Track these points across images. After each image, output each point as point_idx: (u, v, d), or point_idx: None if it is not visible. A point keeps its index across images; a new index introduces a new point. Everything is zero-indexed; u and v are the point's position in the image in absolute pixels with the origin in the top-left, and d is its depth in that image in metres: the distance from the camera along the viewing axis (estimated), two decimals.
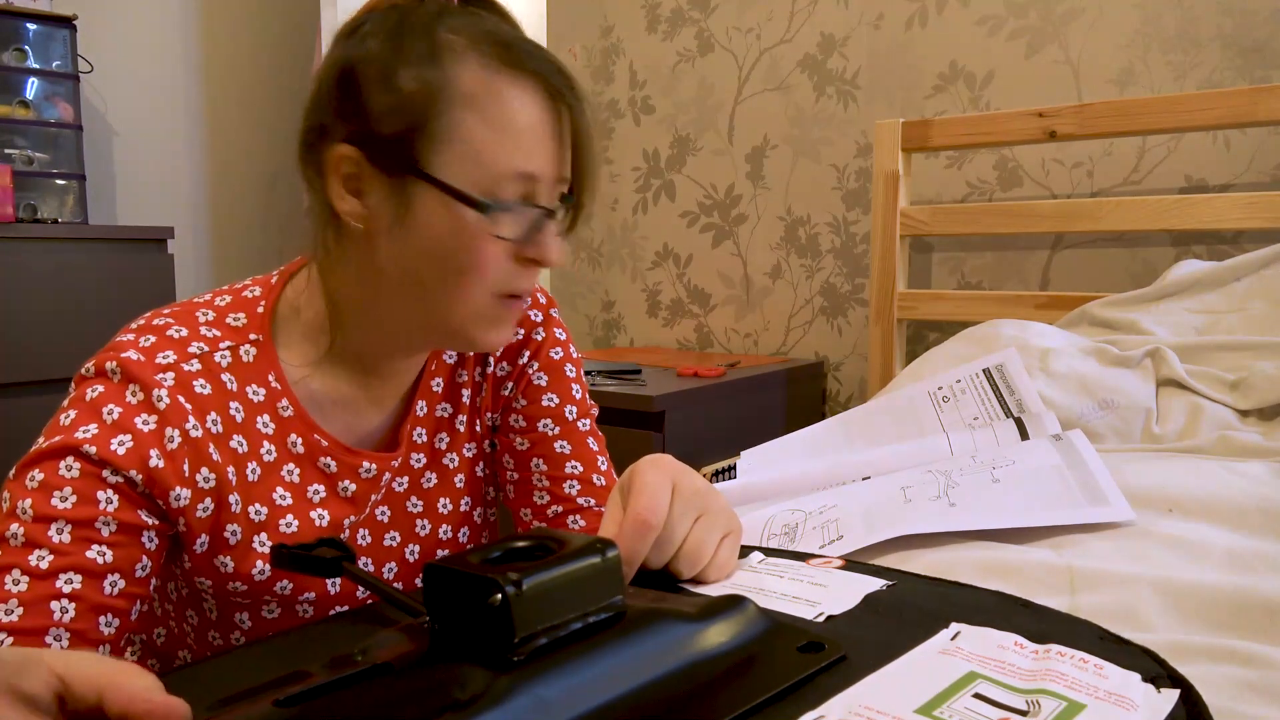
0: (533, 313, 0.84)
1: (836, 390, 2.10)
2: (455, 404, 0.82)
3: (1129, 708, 0.39)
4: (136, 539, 0.63)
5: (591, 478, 0.82)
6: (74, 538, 0.60)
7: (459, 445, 0.82)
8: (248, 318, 0.72)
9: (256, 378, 0.71)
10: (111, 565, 0.61)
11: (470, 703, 0.37)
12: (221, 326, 0.71)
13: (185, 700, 0.37)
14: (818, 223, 2.10)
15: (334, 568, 0.59)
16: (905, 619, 0.50)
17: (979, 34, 1.83)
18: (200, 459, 0.66)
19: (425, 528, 0.80)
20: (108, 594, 0.61)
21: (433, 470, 0.81)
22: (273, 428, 0.71)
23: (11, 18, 2.29)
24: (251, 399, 0.70)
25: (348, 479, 0.74)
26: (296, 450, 0.72)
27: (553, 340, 0.84)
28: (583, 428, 0.84)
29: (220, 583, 0.70)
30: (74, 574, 0.59)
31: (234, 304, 0.73)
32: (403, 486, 0.79)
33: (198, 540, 0.68)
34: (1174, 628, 0.65)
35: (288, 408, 0.72)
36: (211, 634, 0.75)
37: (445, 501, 0.81)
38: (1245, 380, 1.10)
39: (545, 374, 0.83)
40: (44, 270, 2.14)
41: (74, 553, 0.60)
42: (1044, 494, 0.85)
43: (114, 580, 0.61)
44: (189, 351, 0.68)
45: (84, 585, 0.60)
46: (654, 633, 0.44)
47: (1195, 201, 1.48)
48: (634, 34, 2.35)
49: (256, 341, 0.71)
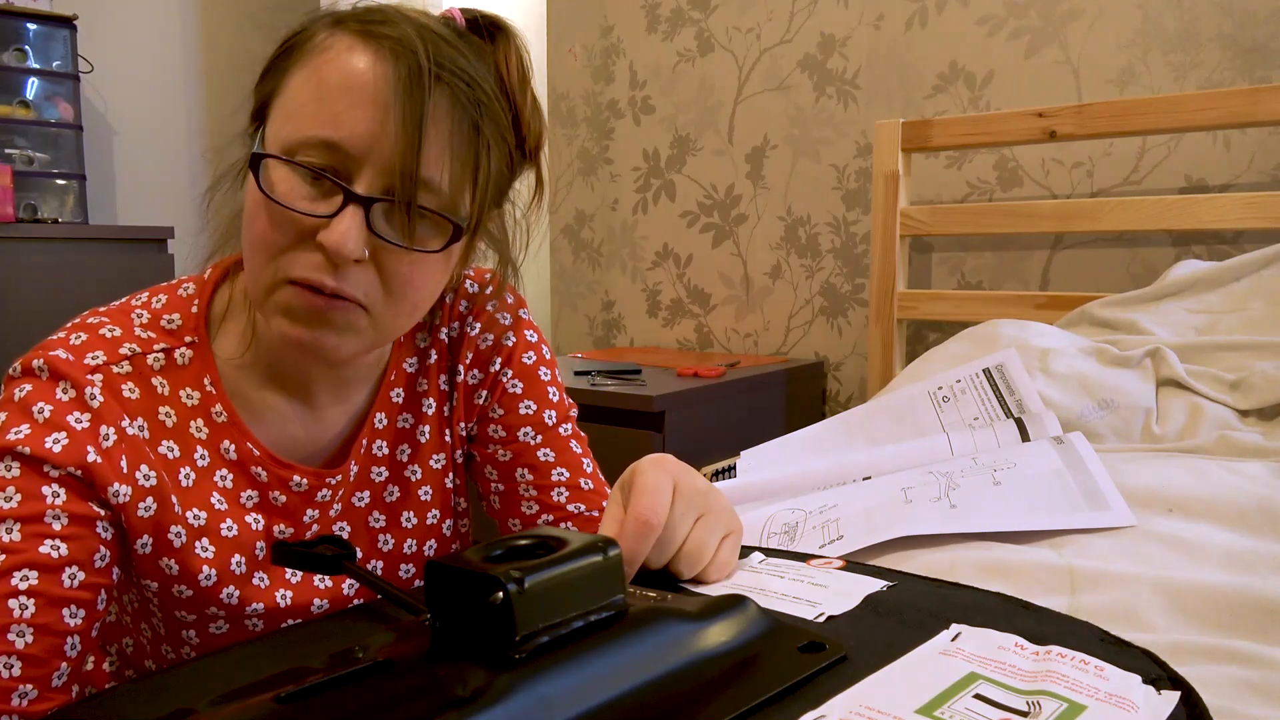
0: (501, 315, 0.80)
1: (836, 390, 2.10)
2: (417, 415, 0.78)
3: (1129, 709, 0.39)
4: (91, 529, 0.61)
5: (579, 482, 0.80)
6: (24, 535, 0.58)
7: (424, 457, 0.79)
8: (183, 319, 0.70)
9: (192, 381, 0.69)
10: (68, 558, 0.60)
11: (471, 700, 0.37)
12: (156, 328, 0.69)
13: (185, 697, 0.37)
14: (818, 223, 2.10)
15: (334, 565, 0.59)
16: (906, 619, 0.50)
17: (979, 34, 1.83)
18: (139, 456, 0.65)
19: (389, 543, 0.78)
20: (67, 587, 0.59)
21: (395, 484, 0.78)
22: (206, 433, 0.69)
23: (11, 18, 2.29)
24: (185, 403, 0.68)
25: (277, 490, 0.71)
26: (229, 456, 0.70)
27: (524, 344, 0.81)
28: (564, 432, 0.81)
29: (166, 586, 0.68)
30: (29, 570, 0.58)
31: (169, 304, 0.70)
32: (363, 501, 0.77)
33: (139, 540, 0.66)
34: (1174, 628, 0.65)
35: (222, 413, 0.69)
36: (164, 648, 0.73)
37: (409, 515, 0.79)
38: (1245, 380, 1.10)
39: (520, 381, 0.80)
40: (44, 270, 2.14)
41: (26, 549, 0.58)
42: (1045, 497, 0.85)
43: (72, 573, 0.60)
44: (120, 353, 0.66)
45: (41, 580, 0.58)
46: (655, 632, 0.44)
47: (1195, 201, 1.48)
48: (634, 34, 2.35)
49: (192, 344, 0.69)
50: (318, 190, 0.60)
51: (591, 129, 2.46)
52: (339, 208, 0.59)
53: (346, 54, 0.60)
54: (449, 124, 0.61)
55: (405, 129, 0.59)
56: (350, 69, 0.60)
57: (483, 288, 0.81)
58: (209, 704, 0.40)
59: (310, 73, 0.61)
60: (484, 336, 0.79)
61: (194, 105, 2.81)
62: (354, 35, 0.61)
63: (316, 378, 0.72)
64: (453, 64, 0.62)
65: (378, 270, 0.62)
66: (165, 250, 2.36)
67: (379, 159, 0.60)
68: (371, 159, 0.60)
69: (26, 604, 0.58)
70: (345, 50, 0.61)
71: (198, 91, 2.82)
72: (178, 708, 0.39)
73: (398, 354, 0.77)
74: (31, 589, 0.58)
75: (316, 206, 0.60)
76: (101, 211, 2.64)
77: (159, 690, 0.45)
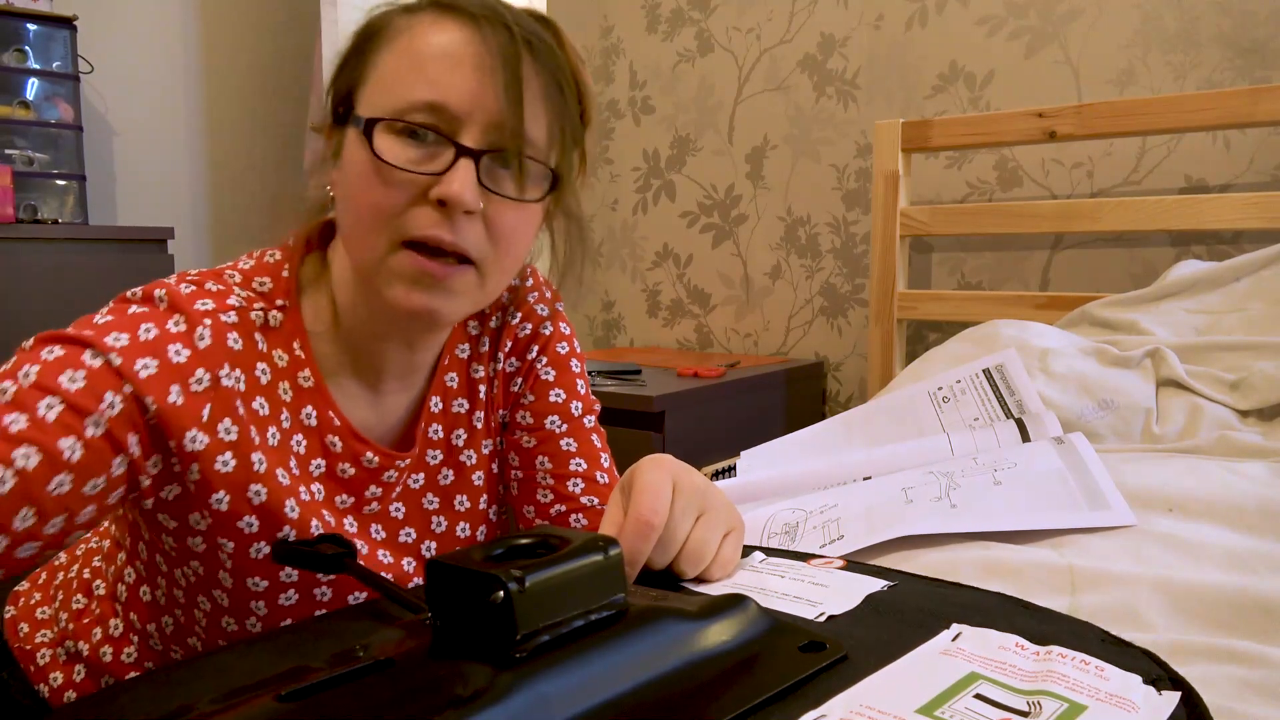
0: (539, 306, 0.83)
1: (836, 390, 2.10)
2: (472, 400, 0.80)
3: (1130, 709, 0.39)
4: (110, 455, 0.58)
5: (595, 475, 0.82)
6: (58, 420, 0.56)
7: (476, 442, 0.81)
8: (273, 283, 0.70)
9: (283, 343, 0.69)
10: (71, 464, 0.56)
11: (472, 699, 0.37)
12: (250, 288, 0.69)
13: (187, 694, 0.37)
14: (818, 223, 2.10)
15: (336, 564, 0.60)
16: (906, 619, 0.50)
17: (979, 34, 1.83)
18: (225, 408, 0.64)
19: (441, 525, 0.80)
20: (49, 489, 0.56)
21: (449, 467, 0.80)
22: (290, 395, 0.69)
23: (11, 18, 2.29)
24: (277, 363, 0.69)
25: (347, 462, 0.73)
26: (309, 422, 0.71)
27: (559, 335, 0.84)
28: (588, 424, 0.84)
29: (243, 546, 0.67)
30: (35, 451, 0.55)
31: (259, 268, 0.71)
32: (418, 483, 0.78)
33: (215, 495, 0.64)
34: (1174, 628, 0.65)
35: (309, 378, 0.70)
36: (225, 620, 0.72)
37: (462, 499, 0.80)
38: (1245, 380, 1.10)
39: (553, 369, 0.83)
40: (44, 270, 2.14)
41: (51, 433, 0.55)
42: (1045, 497, 0.85)
43: (63, 480, 0.56)
44: (228, 303, 0.66)
45: (36, 468, 0.55)
46: (656, 631, 0.44)
47: (1195, 202, 1.48)
48: (634, 34, 2.35)
49: (283, 308, 0.70)
50: (425, 151, 0.63)
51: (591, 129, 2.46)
52: (451, 162, 0.62)
53: (434, 27, 0.64)
54: (540, 84, 0.65)
55: (509, 87, 0.63)
56: (444, 38, 0.63)
57: (523, 280, 0.84)
58: (210, 702, 0.40)
59: (401, 49, 0.64)
60: (523, 325, 0.82)
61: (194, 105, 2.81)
62: (436, 12, 0.65)
63: (390, 360, 0.74)
64: (534, 32, 0.66)
65: (485, 224, 0.65)
66: (165, 251, 2.36)
67: (483, 116, 0.63)
68: (475, 116, 0.63)
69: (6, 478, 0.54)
70: (432, 24, 0.64)
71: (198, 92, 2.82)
72: (179, 705, 0.39)
73: (452, 340, 0.79)
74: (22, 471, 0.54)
75: (429, 165, 0.63)
76: (101, 212, 2.64)
77: (160, 688, 0.45)
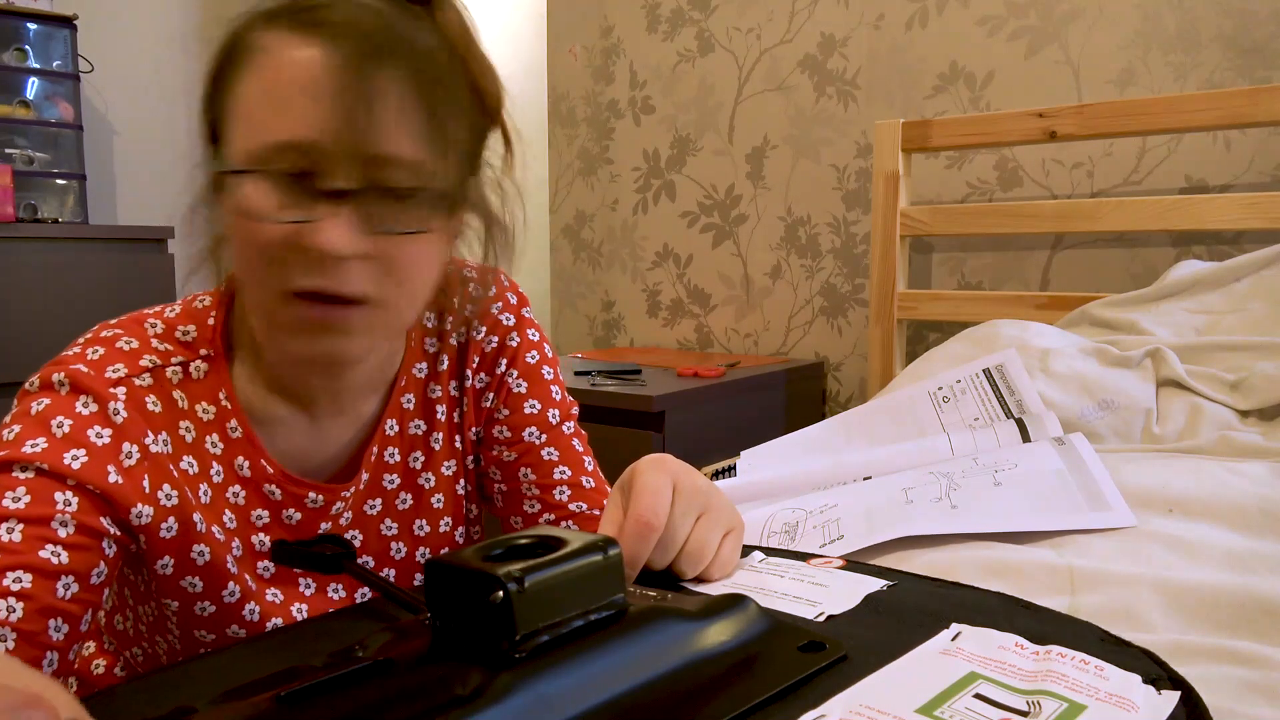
0: (504, 316, 0.79)
1: (836, 390, 2.10)
2: (430, 421, 0.77)
3: (1130, 709, 0.39)
4: (97, 544, 0.59)
5: (580, 481, 0.80)
6: (26, 536, 0.56)
7: (436, 465, 0.78)
8: (198, 331, 0.68)
9: (207, 395, 0.67)
10: (66, 567, 0.57)
11: (471, 699, 0.37)
12: (171, 340, 0.67)
13: (186, 695, 0.37)
14: (818, 223, 2.10)
15: (335, 564, 0.60)
16: (906, 619, 0.50)
17: (979, 34, 1.83)
18: (161, 475, 0.63)
19: (401, 550, 0.77)
20: (60, 596, 0.56)
21: (407, 491, 0.77)
22: (221, 448, 0.68)
23: (11, 18, 2.29)
24: (201, 418, 0.67)
25: (292, 508, 0.70)
26: (243, 473, 0.68)
27: (527, 344, 0.80)
28: (567, 430, 0.81)
29: (188, 604, 0.67)
30: (24, 573, 0.55)
31: (184, 315, 0.69)
32: (375, 509, 0.76)
33: (160, 561, 0.64)
34: (1174, 628, 0.65)
35: (237, 429, 0.68)
36: None
37: (422, 523, 0.78)
38: (1245, 380, 1.10)
39: (525, 380, 0.79)
40: (44, 270, 2.14)
41: (25, 551, 0.55)
42: (1046, 498, 0.85)
43: (68, 583, 0.57)
44: (140, 365, 0.64)
45: (35, 585, 0.55)
46: (655, 631, 0.44)
47: (1195, 202, 1.48)
48: (634, 34, 2.35)
49: (207, 357, 0.67)
50: (294, 195, 0.57)
51: (591, 129, 2.46)
52: (318, 208, 0.57)
53: (288, 46, 0.58)
54: (404, 97, 0.58)
55: (361, 112, 0.56)
56: (294, 64, 0.57)
57: (486, 289, 0.79)
58: (209, 703, 0.40)
59: (257, 76, 0.58)
60: (489, 339, 0.79)
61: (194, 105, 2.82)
62: (288, 29, 0.59)
63: (318, 389, 0.70)
64: (393, 35, 0.59)
65: (378, 260, 0.59)
66: (165, 250, 2.36)
67: (348, 149, 0.56)
68: (342, 149, 0.56)
69: (15, 607, 0.55)
70: (286, 43, 0.58)
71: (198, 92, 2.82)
72: (178, 706, 0.39)
73: (408, 360, 0.76)
74: (24, 592, 0.55)
75: (297, 212, 0.57)
76: (101, 211, 2.64)
77: (159, 689, 0.45)
